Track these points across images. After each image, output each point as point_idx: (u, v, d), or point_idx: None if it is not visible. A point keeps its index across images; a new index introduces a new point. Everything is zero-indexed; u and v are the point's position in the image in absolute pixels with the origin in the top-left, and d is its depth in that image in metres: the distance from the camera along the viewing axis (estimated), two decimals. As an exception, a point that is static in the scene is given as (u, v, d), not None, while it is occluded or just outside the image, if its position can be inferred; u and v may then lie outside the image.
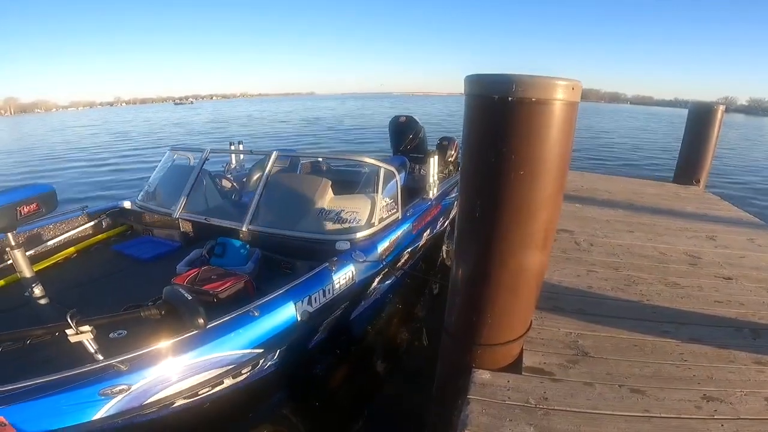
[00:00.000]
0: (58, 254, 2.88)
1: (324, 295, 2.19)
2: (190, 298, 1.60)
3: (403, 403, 2.51)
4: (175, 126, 25.69)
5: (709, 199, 4.78)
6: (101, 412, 1.48)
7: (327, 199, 2.91)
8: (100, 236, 3.19)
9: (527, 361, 1.78)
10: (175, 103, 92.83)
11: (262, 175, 3.01)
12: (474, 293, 1.63)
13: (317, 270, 2.24)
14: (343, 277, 2.32)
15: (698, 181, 5.32)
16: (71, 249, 2.97)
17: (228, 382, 1.90)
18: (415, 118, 4.96)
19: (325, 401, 2.54)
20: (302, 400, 2.51)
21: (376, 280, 2.72)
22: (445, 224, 4.10)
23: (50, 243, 2.92)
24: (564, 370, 1.73)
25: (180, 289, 1.66)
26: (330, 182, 3.00)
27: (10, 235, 1.95)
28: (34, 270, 2.10)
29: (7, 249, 1.99)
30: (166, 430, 1.86)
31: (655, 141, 18.37)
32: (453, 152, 4.72)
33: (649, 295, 2.36)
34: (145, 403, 1.57)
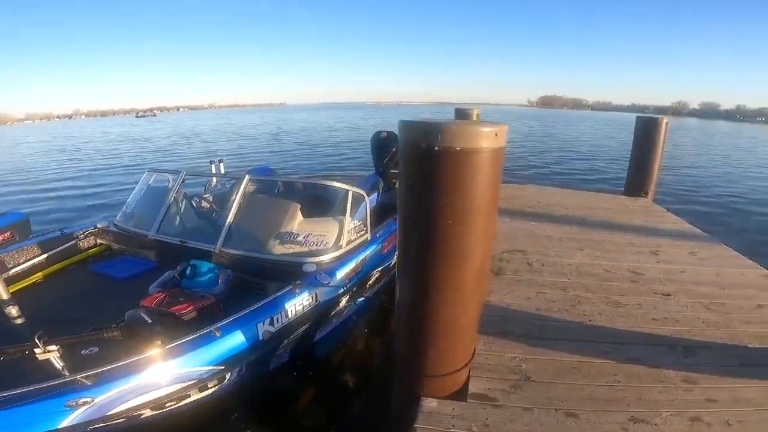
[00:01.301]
0: (36, 275, 2.97)
1: (286, 316, 2.34)
2: (149, 321, 1.86)
3: (367, 424, 2.56)
4: (128, 142, 24.36)
5: (655, 212, 5.00)
6: (66, 422, 1.63)
7: (296, 222, 3.02)
8: (78, 256, 3.28)
9: (473, 387, 1.84)
10: (137, 116, 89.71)
11: (234, 198, 3.13)
12: (415, 329, 1.69)
13: (281, 292, 2.39)
14: (306, 298, 2.46)
15: (647, 193, 5.56)
16: (49, 269, 3.05)
17: (195, 395, 2.02)
18: (396, 133, 5.05)
19: (290, 419, 2.62)
20: (267, 417, 2.58)
21: (343, 300, 2.82)
22: None
23: (28, 264, 2.99)
24: (506, 396, 1.79)
25: (141, 313, 1.92)
26: (299, 206, 3.09)
27: None
28: (12, 291, 2.28)
29: None
30: None
31: (613, 148, 19.07)
32: None
33: (592, 316, 2.47)
34: (109, 414, 1.72)
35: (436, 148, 1.30)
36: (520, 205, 5.02)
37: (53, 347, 1.62)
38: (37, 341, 1.59)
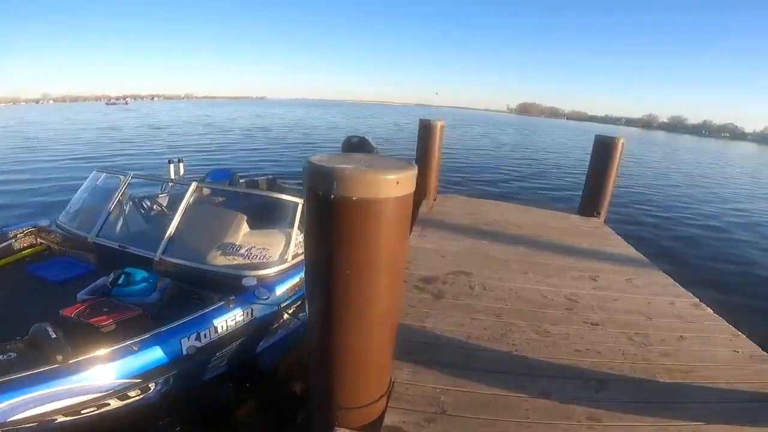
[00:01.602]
0: None
1: (216, 332, 2.33)
2: (54, 336, 1.90)
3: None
4: (92, 131, 22.98)
5: (604, 234, 5.13)
6: None
7: (240, 234, 3.01)
8: (14, 256, 3.19)
9: (388, 419, 1.85)
10: (107, 103, 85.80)
11: (179, 205, 3.10)
12: (325, 364, 1.70)
13: (212, 307, 2.38)
14: (239, 314, 2.45)
15: (599, 213, 5.70)
16: None
17: (115, 404, 2.04)
18: (368, 138, 5.10)
19: (227, 430, 2.62)
20: (201, 427, 2.57)
21: (286, 314, 2.81)
22: None
23: None
24: (419, 429, 1.81)
25: (46, 327, 1.95)
26: (245, 217, 3.08)
27: None
28: None
29: None
30: None
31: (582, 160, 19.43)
32: None
33: (520, 346, 2.51)
34: (12, 420, 1.73)
35: (332, 196, 1.27)
36: (475, 221, 5.09)
37: None
38: None
